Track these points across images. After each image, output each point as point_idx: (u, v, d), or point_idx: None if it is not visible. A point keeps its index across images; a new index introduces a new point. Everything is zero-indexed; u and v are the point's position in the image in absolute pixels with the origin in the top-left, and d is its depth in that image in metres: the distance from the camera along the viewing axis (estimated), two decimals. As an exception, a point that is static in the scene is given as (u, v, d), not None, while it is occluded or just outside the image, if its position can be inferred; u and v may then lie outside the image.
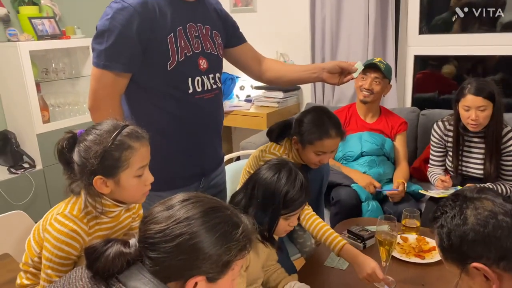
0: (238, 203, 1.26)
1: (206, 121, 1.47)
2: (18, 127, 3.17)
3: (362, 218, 2.04)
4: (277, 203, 1.21)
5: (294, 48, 3.32)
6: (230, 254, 0.82)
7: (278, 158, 1.35)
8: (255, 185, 1.25)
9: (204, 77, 1.42)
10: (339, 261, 1.58)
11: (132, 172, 1.09)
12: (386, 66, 2.35)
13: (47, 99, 3.28)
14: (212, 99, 1.46)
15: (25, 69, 2.97)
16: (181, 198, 0.86)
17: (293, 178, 1.23)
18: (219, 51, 1.48)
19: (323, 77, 1.56)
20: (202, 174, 1.52)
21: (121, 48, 1.26)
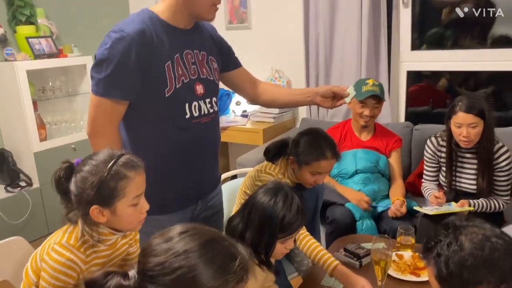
0: (235, 228, 1.28)
1: (204, 145, 1.49)
2: (15, 145, 3.18)
3: (358, 235, 2.06)
4: (274, 227, 1.23)
5: (289, 64, 3.36)
6: (228, 286, 0.83)
7: (274, 182, 1.37)
8: (252, 209, 1.27)
9: (201, 102, 1.44)
10: (335, 280, 1.59)
11: (128, 201, 1.11)
12: (380, 88, 2.35)
13: (44, 117, 3.30)
14: (209, 123, 1.48)
15: (22, 88, 2.99)
16: (179, 230, 0.87)
17: (289, 202, 1.25)
18: (215, 76, 1.52)
19: (316, 101, 1.61)
20: (199, 197, 1.54)
21: (119, 76, 1.29)
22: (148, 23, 1.33)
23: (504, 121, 2.70)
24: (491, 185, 2.06)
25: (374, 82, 2.36)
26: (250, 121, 3.33)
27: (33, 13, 3.21)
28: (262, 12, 3.42)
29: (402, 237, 1.75)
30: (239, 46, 1.85)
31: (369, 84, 2.33)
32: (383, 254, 1.44)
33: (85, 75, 3.42)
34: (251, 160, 2.75)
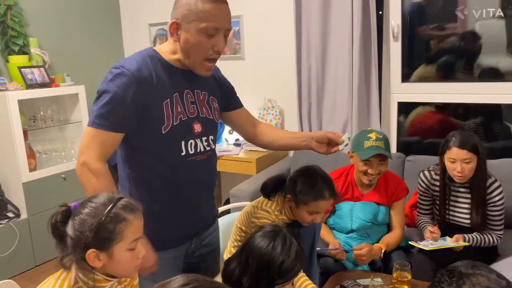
0: (232, 272, 1.26)
1: (199, 182, 1.48)
2: (3, 175, 3.13)
3: (354, 271, 2.03)
4: (272, 273, 1.21)
5: (282, 94, 3.40)
6: None
7: (272, 225, 1.36)
8: (249, 254, 1.25)
9: (197, 140, 1.45)
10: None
11: (126, 245, 1.09)
12: (385, 141, 2.05)
13: (34, 146, 3.27)
14: (204, 161, 1.48)
15: (13, 118, 2.97)
16: (181, 282, 0.84)
17: (288, 247, 1.23)
18: (215, 116, 1.52)
19: (312, 146, 1.60)
20: (194, 234, 1.52)
21: (112, 108, 1.29)
22: (149, 62, 1.35)
23: (493, 152, 2.74)
24: (484, 220, 2.06)
25: (377, 135, 2.05)
26: (243, 150, 3.33)
27: (26, 42, 3.22)
28: (255, 44, 3.47)
29: (398, 273, 1.74)
30: (233, 76, 1.86)
31: (372, 139, 2.03)
32: (380, 292, 1.42)
33: (77, 104, 3.41)
34: (244, 191, 2.74)
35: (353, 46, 2.94)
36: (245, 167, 3.18)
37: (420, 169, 2.28)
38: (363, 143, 2.05)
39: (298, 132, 1.71)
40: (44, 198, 3.14)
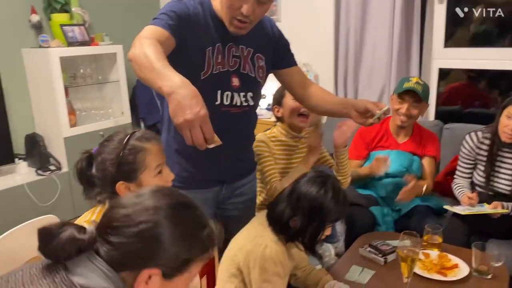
0: (281, 213, 1.33)
1: (228, 134, 1.49)
2: (46, 130, 3.27)
3: (383, 232, 2.03)
4: (324, 215, 1.29)
5: (318, 59, 3.33)
6: (191, 253, 0.81)
7: (318, 171, 1.42)
8: (300, 197, 1.32)
9: (235, 93, 1.45)
10: (359, 275, 1.58)
11: (151, 172, 1.14)
12: (424, 87, 2.19)
13: (74, 104, 3.38)
14: (238, 114, 1.49)
15: (55, 75, 3.07)
16: (153, 188, 0.85)
17: (337, 192, 1.31)
18: (257, 74, 1.50)
19: (351, 115, 1.54)
20: (222, 181, 1.55)
21: (168, 16, 1.29)
22: (200, 8, 1.37)
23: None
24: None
25: (418, 80, 2.22)
26: (275, 115, 3.32)
27: (67, 1, 3.28)
28: (292, 5, 3.39)
29: (429, 236, 1.72)
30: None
31: (412, 81, 2.19)
32: (410, 251, 1.41)
33: (115, 64, 3.48)
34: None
35: (394, 8, 2.82)
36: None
37: (457, 137, 2.23)
38: (402, 84, 2.21)
39: (342, 98, 1.66)
40: (83, 153, 3.27)
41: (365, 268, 1.63)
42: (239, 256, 1.32)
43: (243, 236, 1.39)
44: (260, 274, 1.26)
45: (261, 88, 1.58)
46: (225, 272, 1.38)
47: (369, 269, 1.62)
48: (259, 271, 1.26)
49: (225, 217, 1.64)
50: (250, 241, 1.32)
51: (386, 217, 2.17)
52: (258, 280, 1.27)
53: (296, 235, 1.32)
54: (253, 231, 1.37)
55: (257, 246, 1.28)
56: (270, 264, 1.26)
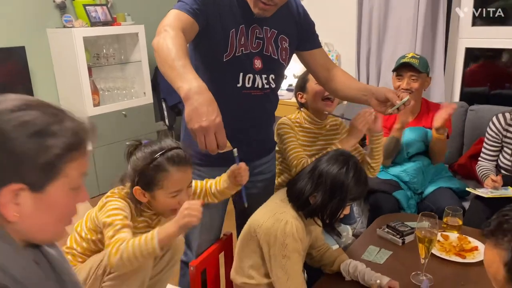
0: (302, 189, 1.34)
1: (249, 116, 1.50)
2: (70, 109, 3.33)
3: (402, 214, 2.02)
4: (345, 193, 1.30)
5: (340, 38, 3.28)
6: (50, 153, 0.68)
7: (339, 150, 1.43)
8: (322, 174, 1.33)
9: (257, 75, 1.45)
10: (376, 255, 1.58)
11: (166, 193, 1.19)
12: (420, 60, 2.17)
13: (97, 83, 3.43)
14: (260, 97, 1.49)
15: (79, 54, 3.12)
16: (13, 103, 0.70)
17: (358, 172, 1.32)
18: (280, 55, 1.49)
19: (371, 103, 1.52)
20: (240, 160, 1.56)
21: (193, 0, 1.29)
22: None
23: None
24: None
25: (414, 55, 2.21)
26: (296, 96, 3.30)
27: (90, -19, 3.30)
28: (314, -16, 3.33)
29: (449, 218, 1.70)
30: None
31: (407, 57, 2.19)
32: (428, 231, 1.40)
33: (137, 44, 3.50)
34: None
35: (420, -15, 2.74)
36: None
37: (482, 120, 2.17)
38: (399, 61, 2.20)
39: (364, 85, 1.61)
40: (106, 132, 3.34)
41: (382, 249, 1.62)
42: (259, 232, 1.34)
43: (263, 212, 1.40)
44: (280, 249, 1.28)
45: (284, 70, 1.57)
46: (243, 248, 1.40)
47: (386, 249, 1.62)
48: (279, 247, 1.28)
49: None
50: (270, 217, 1.34)
51: (410, 200, 2.16)
52: (277, 256, 1.28)
53: (315, 211, 1.33)
54: (273, 207, 1.39)
55: (277, 222, 1.30)
56: (291, 240, 1.27)
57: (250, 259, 1.37)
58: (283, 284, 1.29)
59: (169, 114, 3.88)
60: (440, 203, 2.02)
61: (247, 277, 1.37)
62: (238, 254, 1.42)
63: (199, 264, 1.46)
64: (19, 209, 0.66)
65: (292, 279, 1.28)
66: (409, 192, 2.19)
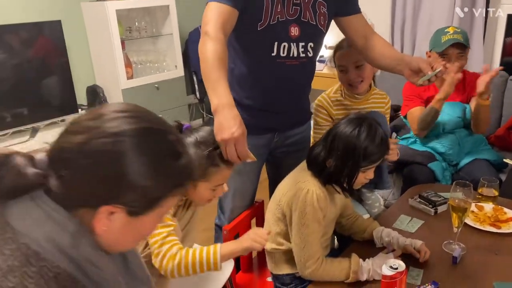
0: (317, 155, 1.32)
1: (284, 86, 1.50)
2: (105, 82, 3.43)
3: (436, 184, 1.99)
4: (357, 156, 1.25)
5: (373, 6, 3.16)
6: (162, 188, 0.68)
7: (357, 113, 1.38)
8: (335, 138, 1.29)
9: (293, 44, 1.43)
10: (408, 224, 1.58)
11: (210, 186, 1.19)
12: (463, 34, 2.04)
13: (130, 57, 3.49)
14: (295, 66, 1.47)
15: (112, 28, 3.17)
16: (116, 108, 0.68)
17: (373, 133, 1.26)
18: (318, 21, 1.46)
19: (405, 73, 1.46)
20: (274, 129, 1.58)
21: None
22: None
23: None
24: None
25: (455, 29, 2.07)
26: (327, 67, 3.26)
27: (121, -47, 3.32)
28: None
29: (484, 189, 1.67)
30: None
31: (449, 33, 2.04)
32: (462, 200, 1.38)
33: (168, 16, 3.52)
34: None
35: None
36: (328, 83, 3.11)
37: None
38: (440, 39, 2.05)
39: (399, 54, 1.54)
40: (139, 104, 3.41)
41: (414, 218, 1.62)
42: (283, 201, 1.36)
43: (287, 181, 1.42)
44: (300, 217, 1.29)
45: (322, 37, 1.53)
46: (272, 216, 1.43)
47: (418, 219, 1.61)
48: (299, 215, 1.29)
49: (275, 163, 1.68)
50: (293, 185, 1.35)
51: (445, 172, 2.12)
52: (297, 224, 1.30)
53: (331, 176, 1.30)
54: (296, 176, 1.40)
55: (299, 191, 1.30)
56: (310, 209, 1.28)
57: (278, 227, 1.40)
58: (299, 251, 1.31)
59: (200, 87, 3.91)
60: (475, 174, 1.97)
61: (277, 244, 1.40)
62: (267, 221, 1.45)
63: (232, 229, 1.50)
64: (108, 224, 0.67)
65: (308, 247, 1.29)
66: (444, 163, 2.15)
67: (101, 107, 0.69)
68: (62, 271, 0.63)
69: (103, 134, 0.64)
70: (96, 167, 0.64)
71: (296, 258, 1.32)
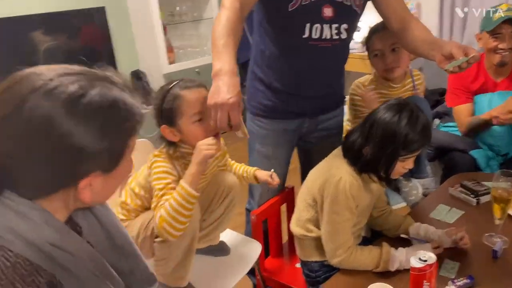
0: (353, 142, 1.27)
1: (316, 69, 1.45)
2: (148, 67, 3.50)
3: (479, 173, 1.87)
4: (396, 144, 1.19)
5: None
6: (122, 142, 0.69)
7: (398, 99, 1.31)
8: (374, 124, 1.23)
9: (325, 25, 1.38)
10: (446, 214, 1.50)
11: (188, 119, 1.18)
12: None
13: (172, 42, 3.54)
14: (328, 49, 1.42)
15: (153, 12, 3.22)
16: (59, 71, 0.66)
17: (414, 120, 1.19)
18: (354, 2, 1.39)
19: (436, 58, 1.34)
20: (305, 114, 1.54)
21: None
22: None
23: None
24: None
25: (508, 6, 1.89)
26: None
27: None
28: None
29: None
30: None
31: (502, 10, 1.87)
32: (505, 190, 1.29)
33: (209, 1, 3.52)
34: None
35: None
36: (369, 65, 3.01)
37: None
38: (491, 17, 1.88)
39: (433, 38, 1.40)
40: (181, 89, 3.47)
41: (453, 208, 1.53)
42: (315, 187, 1.33)
43: (320, 167, 1.38)
44: (331, 205, 1.25)
45: (357, 18, 1.46)
46: (302, 201, 1.40)
47: (458, 209, 1.53)
48: (330, 202, 1.25)
49: (308, 150, 1.65)
50: (325, 172, 1.31)
51: (491, 161, 1.98)
52: (328, 211, 1.26)
53: (368, 165, 1.25)
54: (330, 162, 1.36)
55: (332, 177, 1.26)
56: (342, 197, 1.24)
57: (308, 213, 1.37)
58: (329, 239, 1.27)
59: (241, 72, 3.90)
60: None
61: (306, 230, 1.38)
62: (298, 206, 1.42)
63: (259, 214, 1.50)
64: (92, 191, 0.69)
65: (339, 235, 1.26)
66: (490, 152, 2.01)
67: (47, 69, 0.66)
68: (22, 260, 0.63)
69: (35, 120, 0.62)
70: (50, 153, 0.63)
71: (326, 246, 1.29)
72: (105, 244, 0.79)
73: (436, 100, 2.59)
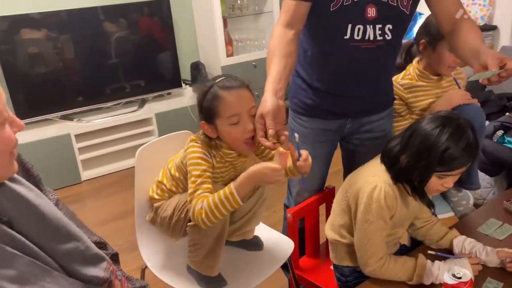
0: (391, 149, 1.22)
1: (357, 70, 1.40)
2: (207, 59, 3.59)
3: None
4: (433, 157, 1.12)
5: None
6: None
7: (448, 111, 1.24)
8: (414, 133, 1.17)
9: (369, 26, 1.33)
10: (496, 229, 1.40)
11: (224, 120, 1.18)
12: None
13: (232, 35, 3.59)
14: (370, 50, 1.36)
15: (215, 6, 3.29)
16: None
17: (458, 135, 1.11)
18: (400, 2, 1.33)
19: (474, 67, 1.24)
20: (347, 116, 1.49)
21: None
22: None
23: None
24: None
25: None
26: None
27: None
28: None
29: None
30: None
31: None
32: None
33: (270, -6, 3.53)
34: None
35: None
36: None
37: None
38: None
39: (477, 45, 1.28)
40: (237, 82, 3.52)
41: (506, 224, 1.42)
42: (350, 192, 1.29)
43: (359, 172, 1.34)
44: (364, 213, 1.21)
45: (406, 19, 1.38)
46: (337, 206, 1.37)
47: (511, 225, 1.41)
48: (363, 210, 1.21)
49: (350, 151, 1.61)
50: (362, 177, 1.27)
51: None
52: (361, 219, 1.22)
53: (402, 173, 1.19)
54: (368, 168, 1.31)
55: (367, 185, 1.22)
56: (376, 206, 1.19)
57: (341, 219, 1.33)
58: (361, 247, 1.23)
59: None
60: None
61: (339, 235, 1.34)
62: (333, 211, 1.39)
63: (296, 212, 1.49)
64: None
65: (371, 244, 1.21)
66: None
67: None
68: None
69: None
70: None
71: (358, 254, 1.26)
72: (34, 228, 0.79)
73: (503, 106, 2.39)
